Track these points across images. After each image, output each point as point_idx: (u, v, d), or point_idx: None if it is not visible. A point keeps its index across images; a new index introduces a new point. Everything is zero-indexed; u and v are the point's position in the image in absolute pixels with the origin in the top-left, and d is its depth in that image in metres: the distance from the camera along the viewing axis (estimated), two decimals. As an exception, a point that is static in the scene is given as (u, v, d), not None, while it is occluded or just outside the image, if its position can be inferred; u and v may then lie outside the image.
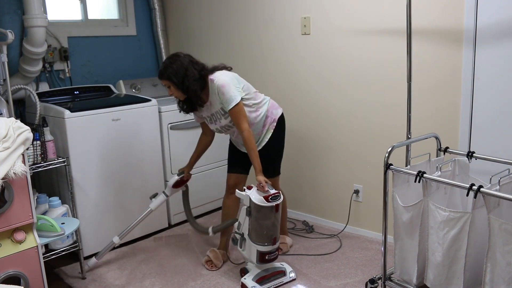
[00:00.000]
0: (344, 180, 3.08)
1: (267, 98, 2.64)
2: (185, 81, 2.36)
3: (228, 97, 2.37)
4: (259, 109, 2.55)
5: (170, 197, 2.86)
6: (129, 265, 2.77)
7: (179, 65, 2.36)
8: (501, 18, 2.24)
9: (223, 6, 3.54)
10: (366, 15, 2.75)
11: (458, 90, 2.47)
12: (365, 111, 2.88)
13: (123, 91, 3.51)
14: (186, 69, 2.36)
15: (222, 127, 2.56)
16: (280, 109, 2.67)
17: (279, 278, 2.48)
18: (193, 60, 2.42)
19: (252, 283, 2.41)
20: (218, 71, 2.46)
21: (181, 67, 2.36)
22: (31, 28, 2.86)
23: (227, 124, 2.53)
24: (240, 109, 2.39)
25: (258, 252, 2.38)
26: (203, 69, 2.43)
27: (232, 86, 2.39)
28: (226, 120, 2.50)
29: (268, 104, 2.61)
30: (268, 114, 2.59)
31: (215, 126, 2.58)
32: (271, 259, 2.43)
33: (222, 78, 2.39)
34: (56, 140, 2.62)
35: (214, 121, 2.56)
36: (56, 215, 2.56)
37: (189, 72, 2.35)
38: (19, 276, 2.10)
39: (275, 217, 2.38)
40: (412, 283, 2.12)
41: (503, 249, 1.68)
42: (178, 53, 2.44)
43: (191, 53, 3.94)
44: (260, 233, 2.38)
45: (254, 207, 2.34)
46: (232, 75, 2.47)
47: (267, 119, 2.58)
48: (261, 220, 2.36)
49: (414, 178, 1.97)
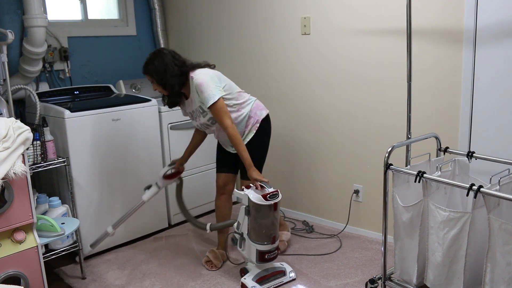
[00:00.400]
0: (344, 180, 3.08)
1: (253, 99, 2.63)
2: (164, 77, 2.41)
3: (206, 95, 2.38)
4: (241, 109, 2.54)
5: (171, 198, 2.86)
6: (129, 265, 2.77)
7: (160, 61, 2.41)
8: (501, 18, 2.24)
9: (223, 6, 3.54)
10: (366, 15, 2.75)
11: (458, 90, 2.47)
12: (365, 111, 2.88)
13: (123, 91, 3.51)
14: (166, 64, 2.40)
15: (202, 124, 2.59)
16: (265, 110, 2.64)
17: (279, 278, 2.48)
18: (175, 56, 2.46)
19: (252, 283, 2.41)
20: (200, 69, 2.47)
21: (161, 63, 2.40)
22: (31, 28, 2.86)
23: (205, 122, 2.55)
24: (220, 106, 2.39)
25: (258, 251, 2.38)
26: (183, 65, 2.46)
27: (211, 84, 2.39)
28: (205, 119, 2.52)
29: (252, 104, 2.59)
30: (251, 114, 2.57)
31: (196, 123, 2.63)
32: (270, 258, 2.43)
33: (201, 77, 2.41)
34: (56, 140, 2.62)
35: (194, 118, 2.60)
36: (56, 215, 2.56)
37: (169, 68, 2.40)
38: (19, 276, 2.10)
39: (274, 215, 2.38)
40: (412, 283, 2.12)
41: (503, 249, 1.68)
42: (161, 49, 2.50)
43: (191, 53, 3.95)
44: (259, 232, 2.38)
45: (253, 206, 2.34)
46: (213, 73, 2.47)
47: (249, 119, 2.57)
48: (260, 219, 2.36)
49: (414, 178, 1.97)
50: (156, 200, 3.17)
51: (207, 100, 2.37)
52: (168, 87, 2.44)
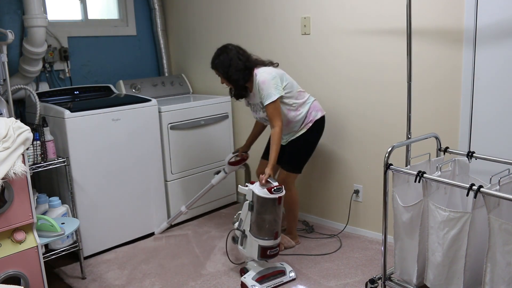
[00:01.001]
0: (344, 180, 3.08)
1: (311, 99, 2.76)
2: (229, 71, 2.57)
3: (266, 93, 2.52)
4: (300, 108, 2.69)
5: (171, 198, 2.86)
6: (129, 265, 2.77)
7: (225, 56, 2.57)
8: (501, 18, 2.24)
9: (223, 6, 3.54)
10: (366, 15, 2.75)
11: (458, 90, 2.47)
12: (365, 111, 2.88)
13: (123, 91, 3.51)
14: (231, 59, 2.56)
15: (261, 118, 2.75)
16: (321, 112, 2.77)
17: (278, 278, 2.48)
18: (239, 52, 2.61)
19: (252, 282, 2.41)
20: (264, 67, 2.62)
21: (226, 58, 2.57)
22: (31, 28, 2.86)
23: (264, 116, 2.68)
24: (275, 107, 2.53)
25: (260, 246, 2.39)
26: (248, 60, 2.61)
27: (272, 84, 2.53)
28: (264, 114, 2.65)
29: (310, 105, 2.73)
30: (308, 114, 2.71)
31: (256, 115, 2.77)
32: (272, 255, 2.44)
33: (264, 75, 2.56)
34: (56, 140, 2.62)
35: (255, 111, 2.74)
36: (56, 215, 2.56)
37: (233, 63, 2.56)
38: (19, 276, 2.10)
39: (277, 210, 2.40)
40: (412, 283, 2.12)
41: (503, 249, 1.68)
42: (227, 45, 2.64)
43: (191, 53, 3.95)
44: (261, 227, 2.40)
45: (257, 200, 2.37)
46: (275, 72, 2.60)
47: (305, 119, 2.72)
48: (263, 213, 2.38)
49: (414, 178, 1.97)
50: (157, 199, 3.18)
51: (266, 98, 2.52)
52: (232, 81, 2.60)
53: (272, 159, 2.51)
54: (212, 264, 2.75)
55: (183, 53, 3.93)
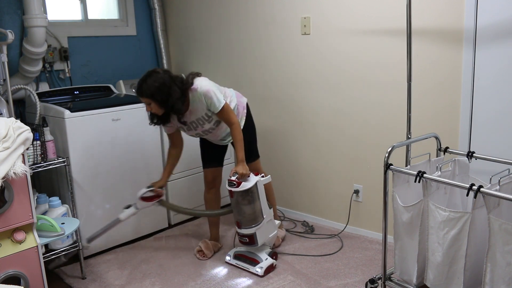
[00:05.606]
0: (344, 180, 3.08)
1: (231, 90, 2.77)
2: (169, 100, 2.37)
3: (216, 99, 2.48)
4: (231, 102, 2.68)
5: (171, 198, 2.86)
6: (129, 265, 2.77)
7: (161, 83, 2.35)
8: (501, 18, 2.24)
9: (223, 6, 3.53)
10: (366, 15, 2.75)
11: (458, 90, 2.47)
12: (365, 111, 2.88)
13: (123, 91, 3.51)
14: (169, 87, 2.36)
15: (205, 130, 2.64)
16: (241, 96, 2.80)
17: (249, 264, 2.63)
18: (172, 76, 2.43)
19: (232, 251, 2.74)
20: (197, 79, 2.51)
21: (163, 86, 2.35)
22: (31, 28, 2.86)
23: (210, 127, 2.62)
24: (227, 106, 2.53)
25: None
26: (182, 83, 2.45)
27: (215, 89, 2.51)
28: (210, 124, 2.60)
29: (234, 95, 2.74)
30: (238, 103, 2.73)
31: (195, 131, 2.65)
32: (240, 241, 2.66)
33: (204, 84, 2.49)
34: (56, 140, 2.62)
35: (194, 127, 2.61)
36: (56, 215, 2.56)
37: (172, 91, 2.37)
38: (19, 276, 2.10)
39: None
40: (412, 283, 2.12)
41: (503, 249, 1.68)
42: (157, 70, 2.43)
43: (191, 53, 3.95)
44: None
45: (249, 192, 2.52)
46: (207, 79, 2.57)
47: (238, 108, 2.72)
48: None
49: (414, 178, 1.97)
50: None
51: (217, 103, 2.48)
52: (175, 109, 2.42)
53: (241, 155, 2.51)
54: (212, 264, 2.74)
55: (183, 53, 3.93)
